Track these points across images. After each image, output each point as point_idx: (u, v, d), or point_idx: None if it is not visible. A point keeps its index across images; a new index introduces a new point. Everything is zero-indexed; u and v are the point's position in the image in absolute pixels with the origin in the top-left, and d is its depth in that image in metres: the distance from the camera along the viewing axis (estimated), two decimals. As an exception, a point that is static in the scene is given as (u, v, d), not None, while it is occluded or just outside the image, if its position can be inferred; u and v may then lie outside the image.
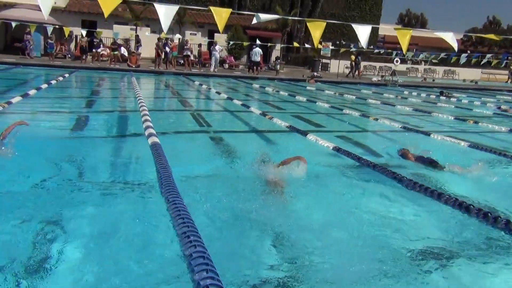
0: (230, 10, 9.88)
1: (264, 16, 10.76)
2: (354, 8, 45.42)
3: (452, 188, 4.76)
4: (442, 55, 27.88)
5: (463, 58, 26.56)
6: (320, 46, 31.56)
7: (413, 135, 8.30)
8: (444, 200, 4.05)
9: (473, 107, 14.93)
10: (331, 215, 3.98)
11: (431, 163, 5.70)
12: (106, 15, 7.23)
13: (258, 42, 26.81)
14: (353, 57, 29.53)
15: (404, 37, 9.16)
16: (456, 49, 9.42)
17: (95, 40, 24.27)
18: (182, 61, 26.21)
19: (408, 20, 66.26)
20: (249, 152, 6.08)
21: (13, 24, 21.29)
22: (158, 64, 24.08)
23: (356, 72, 29.55)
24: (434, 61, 29.30)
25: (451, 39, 9.06)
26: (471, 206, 3.83)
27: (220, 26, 9.40)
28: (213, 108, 12.34)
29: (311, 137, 6.87)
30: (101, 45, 24.18)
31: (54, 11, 30.02)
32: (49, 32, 22.44)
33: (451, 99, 17.73)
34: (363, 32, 9.28)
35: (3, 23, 23.88)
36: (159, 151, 4.92)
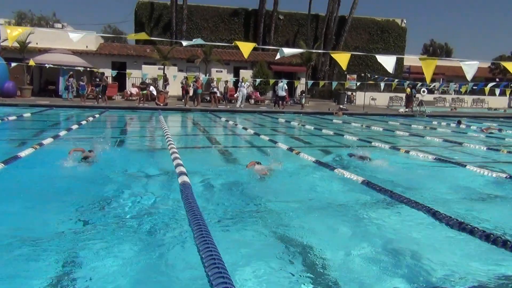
0: (254, 44, 10.09)
1: (288, 51, 10.89)
2: (377, 40, 45.63)
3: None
4: (471, 85, 27.40)
5: (499, 88, 25.77)
6: (349, 77, 31.65)
7: (446, 166, 8.08)
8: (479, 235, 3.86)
9: (505, 136, 14.52)
10: (364, 251, 3.86)
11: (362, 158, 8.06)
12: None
13: (283, 77, 27.05)
14: (408, 90, 28.62)
15: (429, 67, 9.06)
16: (469, 78, 9.13)
17: (94, 78, 24.61)
18: (208, 98, 26.65)
19: (432, 50, 65.98)
20: (275, 187, 6.06)
21: (50, 65, 22.17)
22: (185, 102, 24.53)
23: (413, 106, 28.40)
24: (462, 90, 28.73)
25: (470, 68, 8.81)
26: (499, 238, 3.64)
27: (245, 53, 9.61)
28: (241, 144, 12.38)
29: (338, 171, 6.77)
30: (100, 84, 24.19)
31: (86, 54, 31.33)
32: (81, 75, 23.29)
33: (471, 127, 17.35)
34: (388, 61, 9.26)
35: (38, 67, 24.93)
36: (188, 191, 4.89)
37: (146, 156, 8.79)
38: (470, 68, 8.73)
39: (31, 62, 22.55)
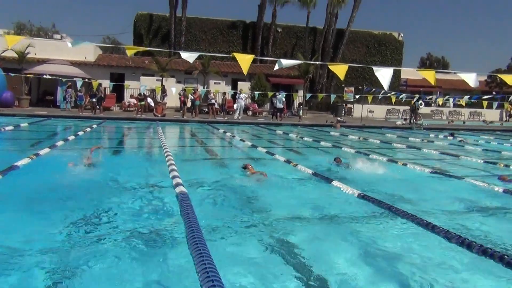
0: (253, 56, 10.13)
1: (286, 62, 10.94)
2: (375, 54, 45.92)
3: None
4: (466, 97, 27.50)
5: (494, 101, 25.90)
6: (346, 89, 31.78)
7: (443, 179, 8.09)
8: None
9: (501, 149, 14.57)
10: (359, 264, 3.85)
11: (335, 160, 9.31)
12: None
13: (281, 90, 27.16)
14: (412, 102, 28.50)
15: (431, 76, 9.24)
16: (471, 83, 9.29)
17: (91, 89, 24.57)
18: (206, 109, 26.71)
19: (429, 64, 66.39)
20: (272, 200, 6.04)
21: (47, 76, 22.23)
22: (183, 113, 24.57)
23: (415, 119, 28.23)
24: (459, 103, 28.81)
25: (472, 80, 8.98)
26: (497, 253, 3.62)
27: (245, 69, 9.64)
28: (238, 156, 12.36)
29: (336, 183, 6.76)
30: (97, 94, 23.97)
31: (84, 65, 31.41)
32: (79, 85, 23.31)
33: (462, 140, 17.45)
34: (385, 74, 9.33)
35: (36, 78, 24.96)
36: (186, 201, 4.87)
37: (143, 167, 8.77)
38: (470, 78, 8.89)
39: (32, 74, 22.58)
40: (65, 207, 5.26)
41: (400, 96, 27.86)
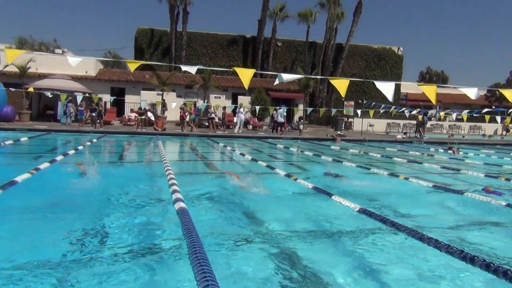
0: (254, 70, 10.17)
1: (286, 76, 10.99)
2: (374, 68, 46.17)
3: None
4: (465, 112, 27.53)
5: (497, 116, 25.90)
6: (346, 103, 31.90)
7: (444, 194, 8.05)
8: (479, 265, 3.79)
9: (502, 163, 14.53)
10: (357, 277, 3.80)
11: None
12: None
13: (281, 104, 27.24)
14: (420, 117, 28.36)
15: (431, 91, 9.27)
16: (473, 97, 9.37)
17: (90, 103, 24.68)
18: (207, 124, 26.75)
19: (429, 78, 66.68)
20: (273, 214, 6.01)
21: (48, 93, 22.35)
22: (182, 127, 24.60)
23: (422, 133, 28.25)
24: (464, 117, 28.83)
25: (473, 94, 9.05)
26: (500, 268, 3.57)
27: (246, 83, 9.68)
28: (238, 170, 12.31)
29: (336, 198, 6.71)
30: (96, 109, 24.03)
31: (85, 79, 31.56)
32: (79, 100, 23.38)
33: (460, 154, 17.45)
34: (387, 89, 9.38)
35: (36, 93, 25.06)
36: (186, 216, 4.83)
37: (143, 181, 8.73)
38: (471, 92, 8.95)
39: (31, 89, 22.65)
40: (64, 221, 5.23)
41: (406, 110, 27.94)
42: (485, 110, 25.45)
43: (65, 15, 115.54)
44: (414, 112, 28.70)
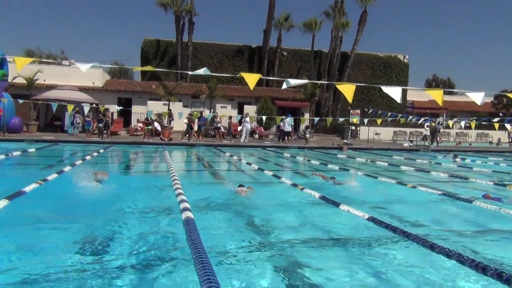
0: (259, 75, 10.24)
1: (293, 81, 11.01)
2: (380, 76, 46.16)
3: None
4: (471, 119, 27.34)
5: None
6: (352, 112, 31.88)
7: (453, 202, 7.98)
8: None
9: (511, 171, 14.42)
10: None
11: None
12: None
13: (287, 112, 27.27)
14: (433, 124, 28.56)
15: (438, 96, 9.28)
16: (478, 102, 9.33)
17: (97, 114, 24.86)
18: (213, 133, 26.80)
19: (435, 85, 66.61)
20: (279, 224, 5.98)
21: (55, 106, 22.54)
22: (189, 137, 24.67)
23: (436, 141, 28.38)
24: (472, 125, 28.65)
25: (479, 98, 9.01)
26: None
27: (251, 85, 9.80)
28: (244, 180, 12.30)
29: (343, 207, 6.67)
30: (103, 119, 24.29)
31: (92, 90, 31.79)
32: (86, 110, 23.54)
33: (465, 161, 17.36)
34: (393, 91, 9.40)
35: (44, 104, 25.27)
36: (192, 226, 4.82)
37: (150, 191, 8.75)
38: (477, 97, 8.92)
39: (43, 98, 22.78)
40: (72, 231, 5.24)
41: (415, 119, 27.87)
42: (496, 119, 25.24)
43: (72, 27, 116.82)
44: (422, 120, 28.64)
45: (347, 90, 9.91)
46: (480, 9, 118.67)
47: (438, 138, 28.68)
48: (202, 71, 10.44)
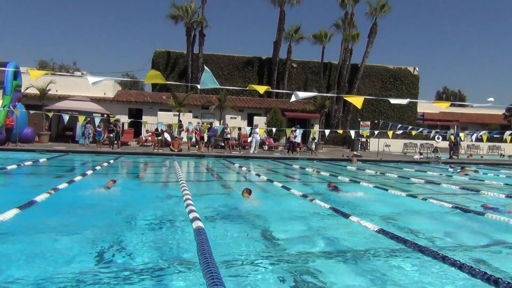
0: (268, 87, 10.35)
1: (302, 94, 11.06)
2: (390, 88, 46.06)
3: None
4: (483, 132, 27.07)
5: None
6: (362, 124, 31.80)
7: (466, 215, 7.90)
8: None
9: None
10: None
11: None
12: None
13: (297, 124, 27.26)
14: (452, 137, 28.37)
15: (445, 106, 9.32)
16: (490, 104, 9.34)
17: (108, 124, 25.12)
18: (222, 144, 26.88)
19: (446, 97, 66.38)
20: (289, 234, 5.95)
21: (66, 117, 22.81)
22: (199, 148, 24.76)
23: (455, 153, 28.23)
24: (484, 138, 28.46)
25: (489, 103, 9.02)
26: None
27: (261, 90, 9.94)
28: (253, 190, 12.29)
29: (353, 218, 6.64)
30: (114, 130, 24.59)
31: (104, 101, 32.10)
32: (97, 121, 23.77)
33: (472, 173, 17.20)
34: (400, 100, 9.42)
35: (56, 114, 25.56)
36: (202, 236, 4.82)
37: (159, 201, 8.78)
38: (488, 103, 8.93)
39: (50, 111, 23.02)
40: (82, 241, 5.27)
41: (426, 131, 27.68)
42: (508, 132, 24.96)
43: (84, 39, 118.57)
44: (433, 132, 28.48)
45: (356, 100, 9.98)
46: (492, 21, 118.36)
47: (457, 151, 28.42)
48: (210, 82, 10.50)
